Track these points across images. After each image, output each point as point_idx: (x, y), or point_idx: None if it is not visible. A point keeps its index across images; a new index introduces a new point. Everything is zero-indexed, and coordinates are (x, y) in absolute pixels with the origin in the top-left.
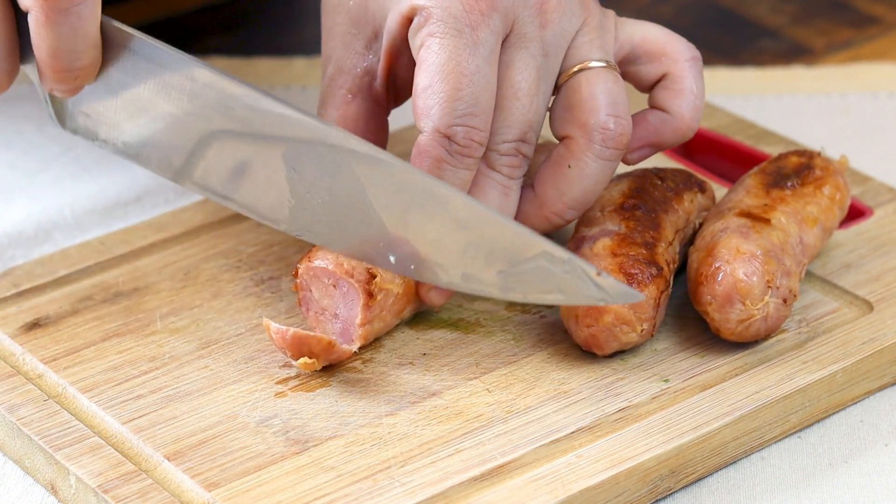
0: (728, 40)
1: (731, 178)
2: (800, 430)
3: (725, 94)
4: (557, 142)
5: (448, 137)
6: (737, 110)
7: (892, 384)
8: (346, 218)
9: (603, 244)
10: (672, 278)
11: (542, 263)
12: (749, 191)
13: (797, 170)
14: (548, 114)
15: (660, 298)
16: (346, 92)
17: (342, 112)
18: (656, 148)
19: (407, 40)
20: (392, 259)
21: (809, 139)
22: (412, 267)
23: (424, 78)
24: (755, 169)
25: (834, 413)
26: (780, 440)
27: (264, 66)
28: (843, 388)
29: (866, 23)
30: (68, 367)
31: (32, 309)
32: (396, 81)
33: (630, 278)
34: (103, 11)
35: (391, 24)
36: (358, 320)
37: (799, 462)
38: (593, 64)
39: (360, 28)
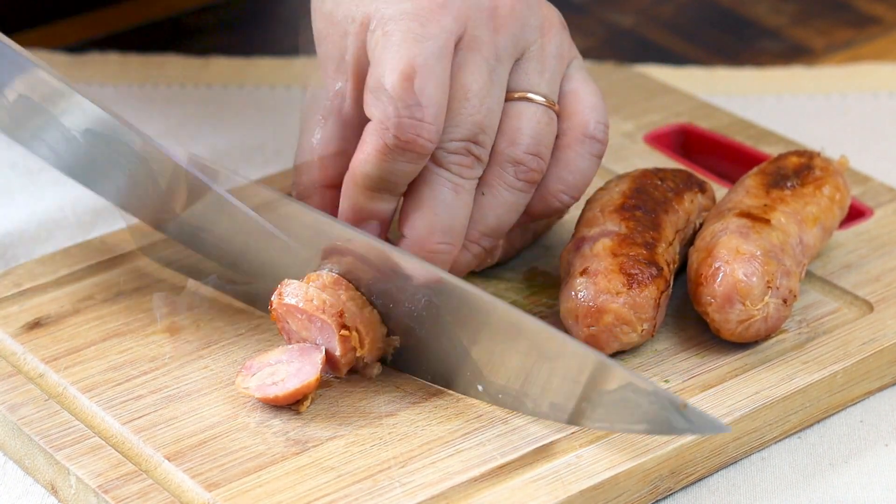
0: (728, 40)
1: (731, 178)
2: (800, 431)
3: (725, 94)
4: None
5: (386, 129)
6: (737, 110)
7: (893, 384)
8: (431, 352)
9: (603, 244)
10: (672, 278)
11: (628, 395)
12: (749, 191)
13: (797, 170)
14: None
15: (660, 299)
16: (320, 116)
17: (317, 136)
18: (525, 215)
19: (366, 52)
20: (480, 388)
21: (809, 139)
22: (500, 396)
23: (375, 72)
24: (755, 169)
25: (834, 413)
26: (780, 440)
27: (264, 66)
28: (844, 388)
29: (866, 23)
30: (69, 367)
31: (33, 308)
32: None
33: (630, 278)
34: (104, 11)
35: (352, 39)
36: (338, 353)
37: (799, 462)
38: (535, 97)
39: (328, 52)
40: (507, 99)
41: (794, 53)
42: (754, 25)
